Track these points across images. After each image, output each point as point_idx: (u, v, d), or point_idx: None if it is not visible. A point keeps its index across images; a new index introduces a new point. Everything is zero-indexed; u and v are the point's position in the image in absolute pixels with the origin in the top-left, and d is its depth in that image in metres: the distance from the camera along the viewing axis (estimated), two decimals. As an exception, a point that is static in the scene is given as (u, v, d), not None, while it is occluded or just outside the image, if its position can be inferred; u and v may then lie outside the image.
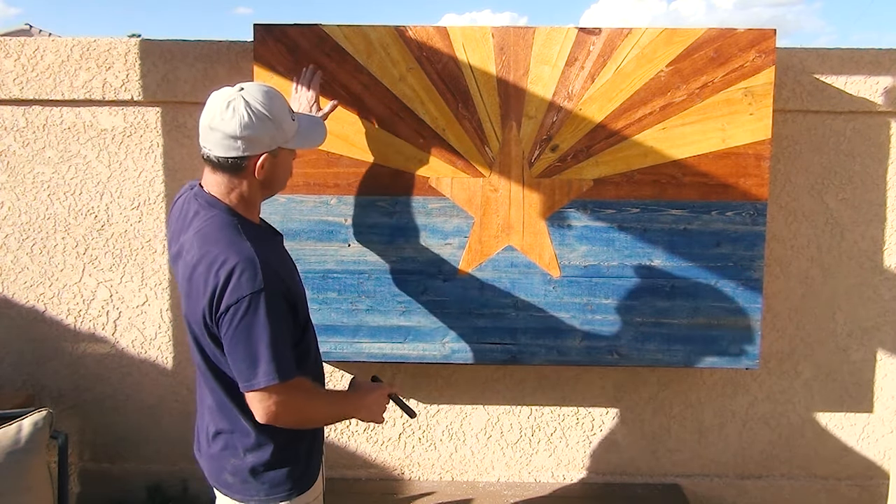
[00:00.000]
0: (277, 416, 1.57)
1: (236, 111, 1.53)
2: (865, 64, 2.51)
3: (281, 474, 1.68)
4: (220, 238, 1.56)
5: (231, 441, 1.67)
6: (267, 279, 1.52)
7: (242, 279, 1.50)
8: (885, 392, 2.71)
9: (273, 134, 1.58)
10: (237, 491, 1.69)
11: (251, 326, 1.51)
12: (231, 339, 1.53)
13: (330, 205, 2.43)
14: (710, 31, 2.35)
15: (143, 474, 2.75)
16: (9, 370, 2.70)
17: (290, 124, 1.63)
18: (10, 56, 2.53)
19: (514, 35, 2.36)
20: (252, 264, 1.52)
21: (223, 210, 1.61)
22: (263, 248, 1.57)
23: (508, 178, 2.41)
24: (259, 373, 1.52)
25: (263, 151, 1.58)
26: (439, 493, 2.65)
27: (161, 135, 2.58)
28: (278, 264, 1.61)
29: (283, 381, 1.53)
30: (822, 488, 2.77)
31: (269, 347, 1.51)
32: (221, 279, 1.51)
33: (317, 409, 1.70)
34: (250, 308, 1.50)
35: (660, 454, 2.76)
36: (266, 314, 1.51)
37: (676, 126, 2.38)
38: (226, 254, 1.53)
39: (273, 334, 1.52)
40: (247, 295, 1.50)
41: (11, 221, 2.62)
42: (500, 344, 2.48)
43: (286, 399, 1.56)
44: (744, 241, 2.42)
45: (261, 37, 2.36)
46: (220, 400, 1.65)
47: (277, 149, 1.61)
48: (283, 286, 1.56)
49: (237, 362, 1.54)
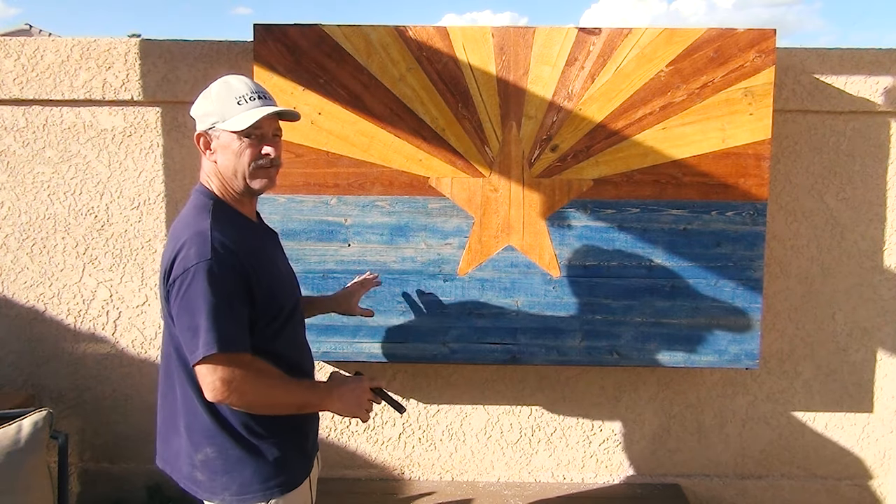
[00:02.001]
0: (223, 393, 1.50)
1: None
2: (865, 64, 2.51)
3: (248, 472, 1.60)
4: (185, 217, 1.61)
5: (193, 434, 1.61)
6: (214, 251, 1.50)
7: (191, 252, 1.50)
8: (885, 392, 2.71)
9: (207, 110, 1.60)
10: (206, 489, 1.63)
11: (193, 297, 1.49)
12: (178, 312, 1.52)
13: (330, 205, 2.43)
14: (710, 31, 2.35)
15: (143, 474, 2.75)
16: (9, 370, 2.70)
17: (233, 107, 1.58)
18: (10, 56, 2.53)
19: (514, 35, 2.36)
20: (202, 237, 1.51)
21: (201, 192, 1.64)
22: (227, 228, 1.56)
23: (508, 178, 2.41)
24: (199, 343, 1.48)
25: (202, 129, 1.61)
26: (439, 493, 2.65)
27: (161, 135, 2.58)
28: (239, 241, 1.57)
29: (223, 352, 1.48)
30: (822, 488, 2.77)
31: (208, 317, 1.48)
32: (174, 253, 1.53)
33: (272, 392, 1.58)
34: (194, 279, 1.49)
35: (660, 454, 2.76)
36: (208, 284, 1.48)
37: (676, 126, 2.38)
38: (183, 231, 1.56)
39: (215, 305, 1.48)
40: (192, 266, 1.49)
41: (11, 221, 2.62)
42: (500, 344, 2.48)
43: (231, 375, 1.49)
44: (744, 241, 2.42)
45: (261, 37, 2.36)
46: (185, 391, 1.60)
47: (219, 130, 1.59)
48: (233, 259, 1.52)
49: (183, 334, 1.52)
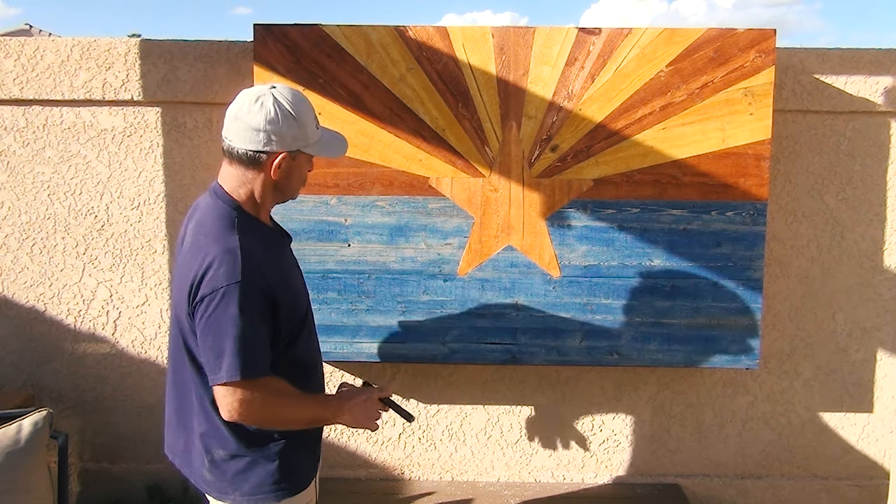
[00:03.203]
0: (240, 414, 1.53)
1: (264, 105, 1.54)
2: (865, 64, 2.51)
3: (262, 474, 1.63)
4: (211, 228, 1.57)
5: (205, 436, 1.63)
6: (245, 273, 1.50)
7: (220, 271, 1.50)
8: (885, 392, 2.71)
9: (295, 134, 1.57)
10: (216, 489, 1.65)
11: (221, 319, 1.49)
12: (202, 330, 1.52)
13: (330, 205, 2.43)
14: (710, 31, 2.35)
15: (143, 474, 2.75)
16: (9, 370, 2.70)
17: (313, 130, 1.62)
18: (10, 56, 2.53)
19: (514, 35, 2.36)
20: (232, 256, 1.51)
21: (226, 202, 1.61)
22: (253, 244, 1.56)
23: (508, 178, 2.41)
24: (223, 366, 1.50)
25: (283, 150, 1.57)
26: (439, 493, 2.65)
27: (161, 135, 2.58)
28: (265, 261, 1.57)
29: (245, 379, 1.50)
30: (822, 488, 2.77)
31: (235, 342, 1.49)
32: (202, 269, 1.51)
33: (286, 411, 1.62)
34: (223, 301, 1.49)
35: (660, 454, 2.76)
36: (238, 309, 1.49)
37: (676, 126, 2.38)
38: (211, 244, 1.54)
39: (242, 330, 1.50)
40: (221, 287, 1.49)
41: (11, 221, 2.62)
42: (500, 344, 2.48)
43: (250, 398, 1.52)
44: (744, 241, 2.42)
45: (261, 37, 2.36)
46: (199, 395, 1.62)
47: (297, 151, 1.60)
48: (262, 282, 1.53)
49: (206, 353, 1.53)
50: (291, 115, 1.55)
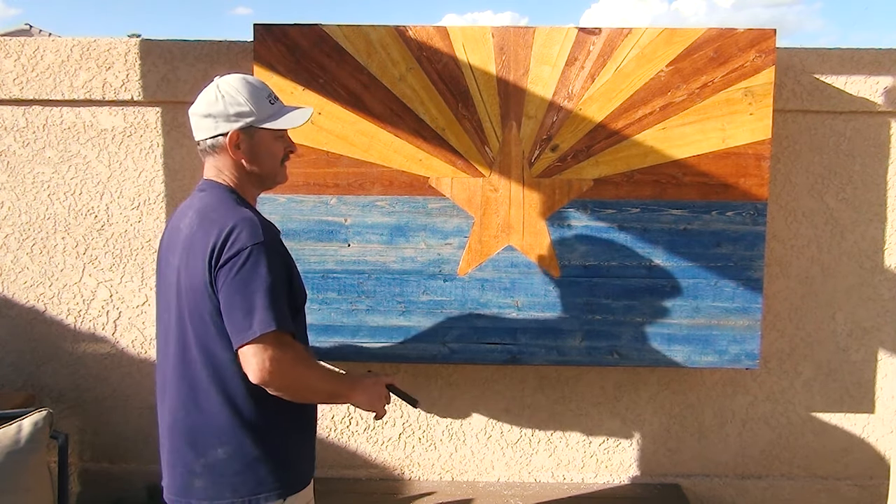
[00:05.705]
0: (272, 374, 1.50)
1: (207, 93, 1.64)
2: (865, 64, 2.51)
3: (265, 470, 1.60)
4: (219, 205, 1.60)
5: (200, 437, 1.58)
6: (267, 235, 1.55)
7: (243, 234, 1.52)
8: (885, 392, 2.71)
9: (240, 111, 1.61)
10: (207, 496, 1.60)
11: (250, 276, 1.50)
12: (229, 292, 1.51)
13: (330, 205, 2.43)
14: (710, 31, 2.35)
15: (143, 474, 2.74)
16: (9, 370, 2.70)
17: (266, 106, 1.64)
18: (10, 56, 2.53)
19: (514, 35, 2.36)
20: (252, 223, 1.55)
21: (220, 187, 1.65)
22: (263, 219, 1.62)
23: (508, 178, 2.41)
24: (255, 321, 1.49)
25: (232, 128, 1.61)
26: (439, 493, 2.65)
27: (161, 135, 2.58)
28: (279, 237, 1.64)
29: (280, 330, 1.50)
30: (822, 488, 2.77)
31: (266, 296, 1.50)
32: (222, 236, 1.53)
33: (311, 378, 1.62)
34: (250, 258, 1.51)
35: (660, 454, 2.76)
36: (267, 265, 1.51)
37: (676, 126, 2.38)
38: (225, 216, 1.56)
39: (272, 283, 1.51)
40: (248, 247, 1.51)
41: (11, 221, 2.62)
42: (500, 344, 2.48)
43: (281, 356, 1.51)
44: (744, 241, 2.42)
45: (261, 37, 2.36)
46: (205, 389, 1.57)
47: (250, 128, 1.62)
48: (282, 247, 1.60)
49: (234, 313, 1.51)
50: (232, 93, 1.61)
